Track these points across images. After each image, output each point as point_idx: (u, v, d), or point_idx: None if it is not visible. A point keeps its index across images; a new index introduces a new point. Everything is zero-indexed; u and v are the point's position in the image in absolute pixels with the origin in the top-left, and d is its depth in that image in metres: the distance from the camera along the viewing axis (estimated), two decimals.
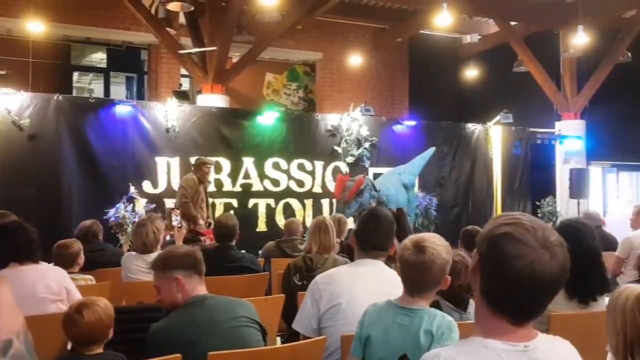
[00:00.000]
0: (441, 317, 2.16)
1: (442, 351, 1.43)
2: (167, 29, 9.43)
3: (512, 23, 11.36)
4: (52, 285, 3.29)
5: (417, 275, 2.17)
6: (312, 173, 8.91)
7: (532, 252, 1.35)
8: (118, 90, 11.84)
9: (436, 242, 2.19)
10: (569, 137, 11.22)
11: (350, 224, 6.72)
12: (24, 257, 3.27)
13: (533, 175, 10.76)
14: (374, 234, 2.75)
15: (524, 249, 1.36)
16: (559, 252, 1.39)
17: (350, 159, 9.15)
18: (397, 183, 8.11)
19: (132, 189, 7.56)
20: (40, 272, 3.32)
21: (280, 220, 8.33)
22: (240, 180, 8.43)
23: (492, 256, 1.39)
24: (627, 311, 1.82)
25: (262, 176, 8.58)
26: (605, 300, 3.18)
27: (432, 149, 8.92)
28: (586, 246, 3.24)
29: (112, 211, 7.31)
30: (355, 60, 12.07)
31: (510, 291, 1.38)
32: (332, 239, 3.93)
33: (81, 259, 4.09)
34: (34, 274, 3.28)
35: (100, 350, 2.37)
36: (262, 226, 8.56)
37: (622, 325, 1.82)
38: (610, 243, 6.09)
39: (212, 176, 8.12)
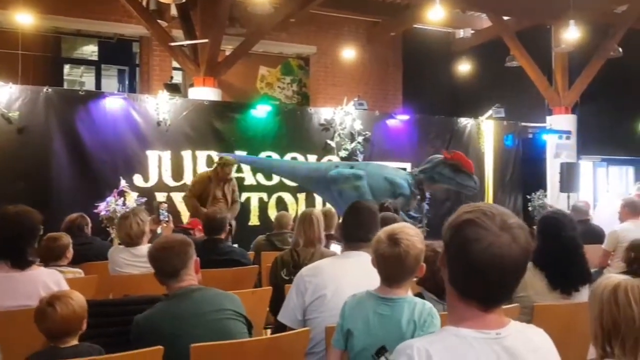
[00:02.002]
0: (421, 305, 2.19)
1: (415, 342, 1.45)
2: (159, 21, 9.38)
3: (505, 18, 11.37)
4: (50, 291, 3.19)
5: (393, 267, 2.19)
6: None
7: (491, 235, 1.39)
8: (110, 83, 11.79)
9: (409, 233, 2.21)
10: (560, 132, 11.25)
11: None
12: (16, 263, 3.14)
13: (524, 169, 10.81)
14: (356, 226, 2.81)
15: (483, 232, 1.40)
16: (519, 234, 1.42)
17: (343, 153, 9.14)
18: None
19: (122, 182, 7.53)
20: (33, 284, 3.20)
21: (273, 214, 8.29)
22: (233, 174, 8.40)
23: (454, 242, 1.44)
24: (604, 300, 1.85)
25: (254, 170, 8.57)
26: (588, 290, 3.21)
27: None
28: (565, 237, 3.28)
29: (102, 205, 7.29)
30: (349, 54, 12.06)
31: (473, 275, 1.41)
32: (317, 232, 3.91)
33: (70, 253, 4.08)
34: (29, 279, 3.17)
35: (74, 342, 2.35)
36: (254, 220, 8.55)
37: (599, 314, 1.85)
38: (597, 236, 6.14)
39: (203, 169, 8.12)
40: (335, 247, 4.68)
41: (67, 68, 11.63)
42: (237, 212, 7.29)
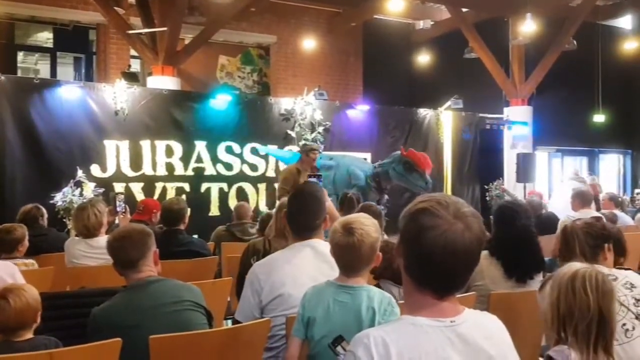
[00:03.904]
0: (380, 294, 2.23)
1: (372, 331, 1.47)
2: (116, 8, 9.19)
3: (463, 10, 11.52)
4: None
5: (348, 256, 2.22)
6: (265, 157, 8.88)
7: (444, 223, 1.43)
8: (65, 71, 11.49)
9: (364, 223, 2.24)
10: (517, 123, 11.50)
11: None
12: None
13: (482, 160, 11.00)
14: (300, 215, 2.75)
15: (437, 220, 1.43)
16: (472, 222, 1.46)
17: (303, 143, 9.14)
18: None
19: (79, 172, 7.37)
20: None
21: (233, 204, 8.26)
22: (193, 164, 8.32)
23: (409, 230, 1.47)
24: (562, 287, 1.92)
25: (214, 160, 8.49)
26: (541, 278, 3.31)
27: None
28: (520, 226, 3.36)
29: (59, 195, 7.13)
30: (310, 44, 12.04)
31: (427, 262, 1.44)
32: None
33: (24, 245, 3.99)
34: None
35: (30, 335, 2.32)
36: (214, 210, 8.49)
37: (556, 300, 1.92)
38: (553, 225, 6.30)
39: (162, 159, 8.04)
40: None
41: (20, 55, 11.28)
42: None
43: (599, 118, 13.40)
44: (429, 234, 1.42)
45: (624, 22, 14.52)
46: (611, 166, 16.00)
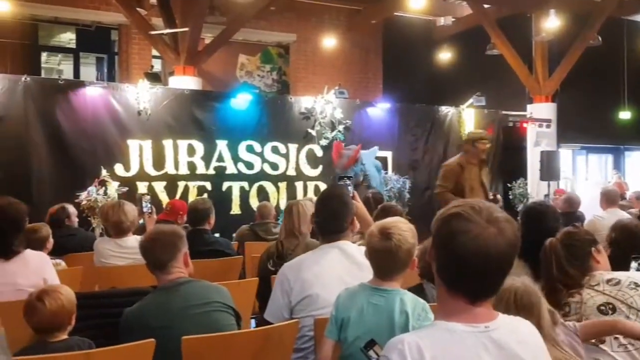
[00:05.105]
0: (414, 299, 2.22)
1: (406, 337, 1.47)
2: (138, 9, 9.27)
3: (485, 6, 11.41)
4: (31, 277, 3.20)
5: (385, 261, 2.23)
6: (286, 156, 8.88)
7: (476, 227, 1.42)
8: (88, 71, 11.63)
9: (402, 228, 2.24)
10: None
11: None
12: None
13: (505, 158, 10.90)
14: (327, 218, 2.76)
15: (469, 225, 1.43)
16: (506, 228, 1.45)
17: (324, 142, 9.13)
18: (373, 164, 8.33)
19: (103, 172, 7.45)
20: (21, 263, 3.22)
21: (254, 204, 8.29)
22: (214, 163, 8.36)
23: (441, 235, 1.47)
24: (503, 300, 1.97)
25: (235, 159, 8.52)
26: None
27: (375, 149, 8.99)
28: (546, 228, 3.31)
29: (83, 194, 7.21)
30: (330, 42, 12.01)
31: (459, 266, 1.44)
32: (296, 223, 3.84)
33: (49, 244, 4.03)
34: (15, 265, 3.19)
35: (64, 336, 2.35)
36: (236, 209, 8.52)
37: None
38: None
39: (184, 158, 8.08)
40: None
41: (44, 56, 11.44)
42: (501, 202, 6.49)
43: (625, 115, 13.19)
44: (461, 238, 1.42)
45: None
46: (638, 164, 15.75)
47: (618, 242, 3.16)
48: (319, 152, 9.06)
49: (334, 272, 2.63)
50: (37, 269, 3.24)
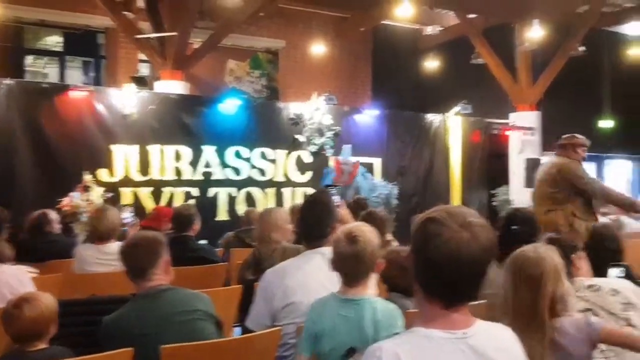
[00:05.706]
0: (384, 306, 2.22)
1: (384, 344, 1.47)
2: (125, 12, 9.21)
3: (471, 16, 11.51)
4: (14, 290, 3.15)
5: (352, 267, 2.24)
6: (274, 162, 8.87)
7: (448, 231, 1.43)
8: (74, 74, 11.52)
9: (365, 230, 2.28)
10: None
11: None
12: None
13: (488, 166, 10.96)
14: (310, 224, 2.79)
15: (442, 228, 1.43)
16: (479, 232, 1.45)
17: (312, 148, 9.13)
18: (360, 172, 8.45)
19: (87, 177, 7.38)
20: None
21: (242, 210, 8.26)
22: (201, 169, 8.33)
23: (418, 238, 1.48)
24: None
25: (223, 164, 8.49)
26: None
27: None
28: (517, 231, 3.32)
29: (66, 200, 7.13)
30: (318, 48, 12.02)
31: (434, 270, 1.45)
32: (265, 230, 3.81)
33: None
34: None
35: (44, 345, 2.31)
36: (222, 215, 8.49)
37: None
38: None
39: (170, 164, 8.04)
40: None
41: (30, 59, 11.33)
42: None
43: (607, 123, 13.30)
44: (433, 242, 1.43)
45: (630, 28, 14.46)
46: (619, 172, 15.93)
47: (590, 246, 3.18)
48: (308, 159, 9.06)
49: (317, 278, 2.62)
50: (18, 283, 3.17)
